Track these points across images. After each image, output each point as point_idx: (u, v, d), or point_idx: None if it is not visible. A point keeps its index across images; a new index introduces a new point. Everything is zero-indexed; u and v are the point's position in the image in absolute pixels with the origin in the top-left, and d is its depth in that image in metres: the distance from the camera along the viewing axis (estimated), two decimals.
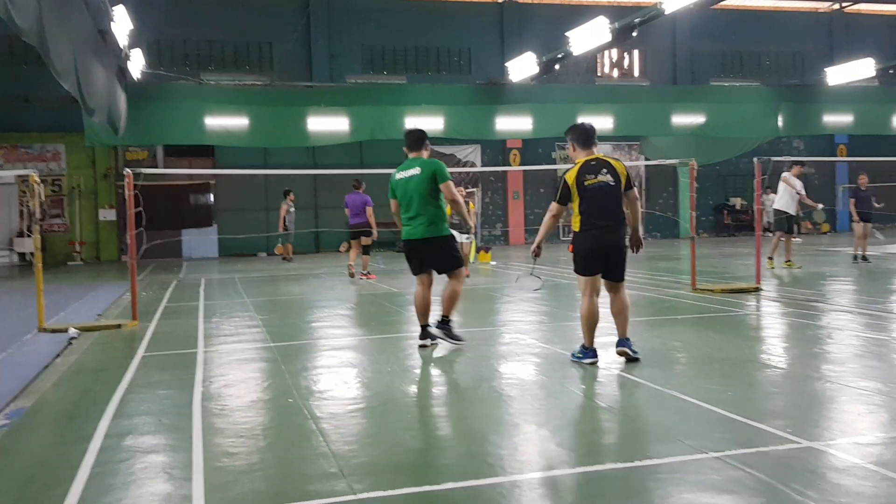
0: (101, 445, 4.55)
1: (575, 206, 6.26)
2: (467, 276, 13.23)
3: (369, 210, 15.93)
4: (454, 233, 13.09)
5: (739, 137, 26.15)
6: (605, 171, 6.21)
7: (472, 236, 13.68)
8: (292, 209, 21.39)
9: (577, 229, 6.29)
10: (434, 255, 7.24)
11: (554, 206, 6.41)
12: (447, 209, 7.59)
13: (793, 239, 15.36)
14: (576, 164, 6.35)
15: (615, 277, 6.35)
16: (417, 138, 7.36)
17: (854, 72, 23.58)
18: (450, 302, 7.25)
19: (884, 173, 29.53)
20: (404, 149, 7.42)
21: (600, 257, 6.26)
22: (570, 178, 6.24)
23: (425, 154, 7.32)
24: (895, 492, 3.51)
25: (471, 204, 13.96)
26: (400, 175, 7.23)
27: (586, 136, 6.43)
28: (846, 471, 3.78)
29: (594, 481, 3.77)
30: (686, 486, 3.67)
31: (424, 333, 7.37)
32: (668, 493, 3.61)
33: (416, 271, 7.41)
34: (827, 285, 12.38)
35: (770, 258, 14.61)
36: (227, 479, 3.94)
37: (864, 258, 15.39)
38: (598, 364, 6.49)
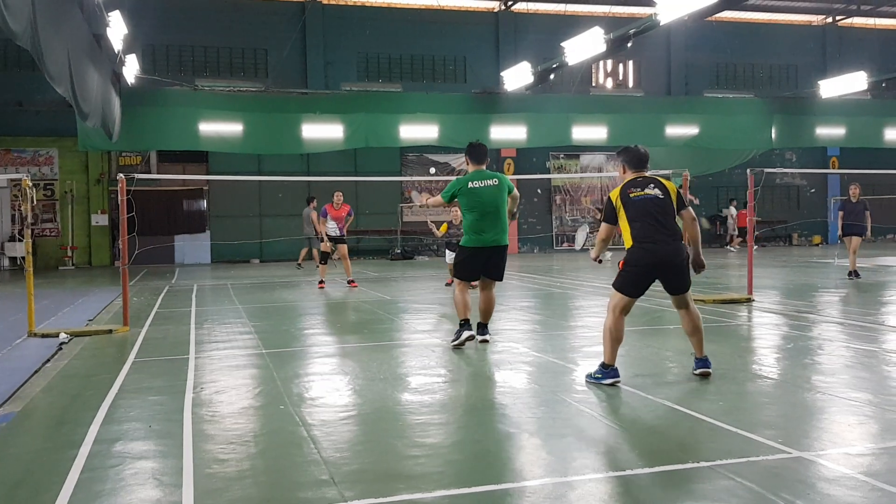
0: (91, 451, 4.52)
1: (623, 221, 5.98)
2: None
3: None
4: (448, 253, 13.09)
5: (733, 149, 26.28)
6: (652, 185, 6.00)
7: None
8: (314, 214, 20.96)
9: (629, 245, 5.96)
10: (498, 262, 7.78)
11: (603, 226, 6.15)
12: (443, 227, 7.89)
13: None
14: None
15: (677, 290, 6.00)
16: (485, 151, 7.98)
17: (847, 85, 23.73)
18: (491, 311, 7.98)
19: (876, 186, 29.73)
20: (467, 158, 8.03)
21: (652, 274, 5.93)
22: (615, 194, 6.05)
23: (483, 166, 7.85)
24: (885, 502, 3.52)
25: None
26: (476, 184, 7.67)
27: (639, 159, 6.21)
28: (836, 481, 3.79)
29: (585, 490, 3.77)
30: (676, 494, 3.68)
31: (468, 326, 7.71)
32: (658, 502, 3.61)
33: (470, 276, 7.87)
34: (818, 297, 12.43)
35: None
36: (217, 485, 3.93)
37: (856, 274, 14.65)
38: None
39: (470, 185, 7.66)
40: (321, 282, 15.23)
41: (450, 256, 13.59)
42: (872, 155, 28.07)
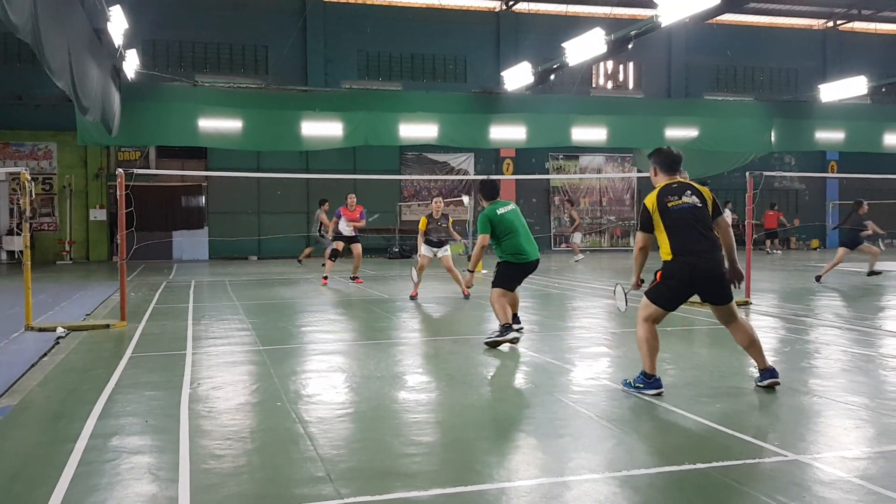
0: (87, 445, 4.52)
1: (661, 232, 5.69)
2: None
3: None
4: (426, 247, 13.06)
5: (732, 152, 26.30)
6: (689, 192, 5.71)
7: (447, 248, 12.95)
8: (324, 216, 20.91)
9: (667, 258, 5.67)
10: (532, 272, 8.59)
11: (639, 236, 5.86)
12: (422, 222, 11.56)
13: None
14: (655, 188, 5.90)
15: (720, 301, 5.74)
16: (498, 186, 8.73)
17: (847, 89, 23.74)
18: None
19: (874, 191, 29.78)
20: (480, 196, 8.73)
21: (692, 288, 5.69)
22: (651, 202, 5.73)
23: None
24: None
25: None
26: (503, 210, 8.42)
27: (671, 162, 5.94)
28: (832, 484, 3.79)
29: (581, 490, 3.77)
30: (673, 496, 3.68)
31: (516, 320, 8.36)
32: None
33: (513, 287, 8.36)
34: (816, 300, 12.44)
35: None
36: (213, 481, 3.93)
37: (876, 273, 15.66)
38: (588, 374, 6.50)
39: (498, 212, 8.35)
40: (325, 277, 15.29)
41: (426, 250, 12.64)
42: (871, 159, 28.11)
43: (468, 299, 12.26)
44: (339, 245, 15.37)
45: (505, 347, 7.78)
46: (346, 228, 15.31)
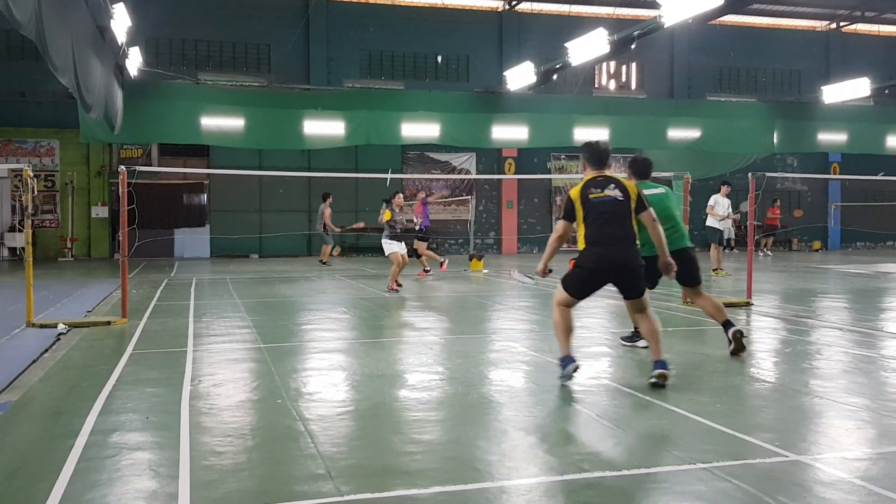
0: (87, 441, 4.52)
1: (580, 223, 5.91)
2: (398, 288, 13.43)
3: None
4: (392, 242, 13.47)
5: (735, 153, 26.27)
6: (612, 186, 5.88)
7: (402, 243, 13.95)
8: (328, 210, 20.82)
9: (582, 247, 5.92)
10: (690, 263, 7.33)
11: (559, 224, 6.09)
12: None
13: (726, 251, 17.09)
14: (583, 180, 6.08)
15: (631, 295, 5.98)
16: (649, 165, 7.65)
17: (849, 91, 23.72)
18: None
19: (876, 193, 29.77)
20: (632, 172, 7.57)
21: (602, 278, 5.88)
22: (575, 193, 5.95)
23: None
24: None
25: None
26: (650, 192, 7.09)
27: (599, 156, 6.09)
28: (833, 485, 3.79)
29: (582, 489, 3.77)
30: (673, 496, 3.68)
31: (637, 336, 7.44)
32: (655, 503, 3.61)
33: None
34: (817, 302, 12.43)
35: (715, 269, 16.61)
36: (213, 477, 3.93)
37: None
38: (589, 373, 6.50)
39: (654, 191, 7.31)
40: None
41: (388, 247, 13.73)
42: (874, 161, 28.08)
43: (397, 292, 13.22)
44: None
45: (505, 347, 7.77)
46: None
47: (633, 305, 6.04)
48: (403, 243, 13.97)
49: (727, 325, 7.26)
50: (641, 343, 7.05)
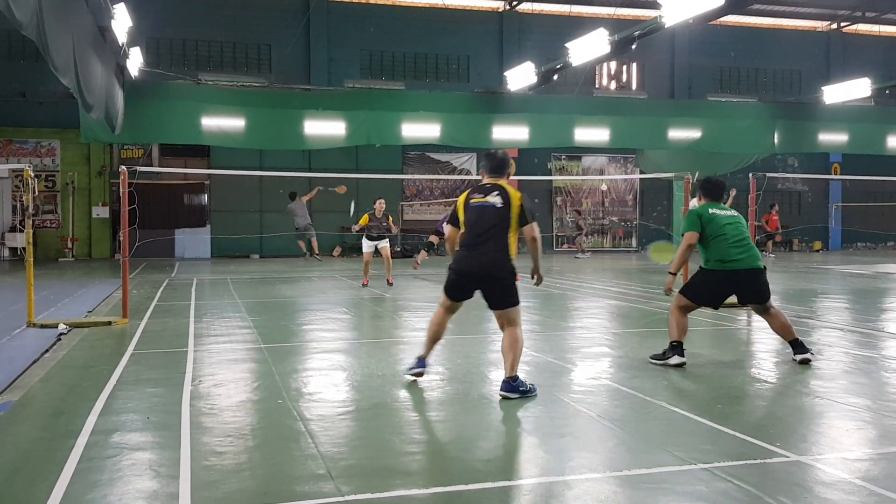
0: (88, 441, 4.52)
1: (463, 225, 5.89)
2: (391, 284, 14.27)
3: None
4: (368, 242, 14.16)
5: (735, 153, 26.26)
6: (495, 193, 5.75)
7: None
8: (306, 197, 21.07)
9: (458, 249, 5.92)
10: (759, 284, 6.99)
11: (448, 228, 6.04)
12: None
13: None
14: None
15: (494, 305, 5.81)
16: (721, 186, 7.36)
17: (850, 91, 23.71)
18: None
19: (878, 193, 29.77)
20: (702, 192, 7.33)
21: (466, 282, 5.80)
22: (462, 198, 5.95)
23: None
24: None
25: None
26: (718, 212, 7.05)
27: (496, 164, 6.00)
28: (833, 485, 3.78)
29: (582, 489, 3.77)
30: (674, 496, 3.67)
31: (681, 349, 6.98)
32: (655, 503, 3.61)
33: (712, 302, 7.15)
34: (818, 302, 12.42)
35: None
36: (214, 477, 3.93)
37: None
38: (589, 374, 6.50)
39: (710, 211, 7.09)
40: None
41: (367, 246, 14.56)
42: (875, 162, 28.08)
43: (391, 286, 14.06)
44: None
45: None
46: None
47: (498, 317, 5.84)
48: (377, 244, 14.61)
49: (796, 344, 7.00)
50: (673, 360, 6.77)
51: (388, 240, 14.76)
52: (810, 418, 5.22)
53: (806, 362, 6.84)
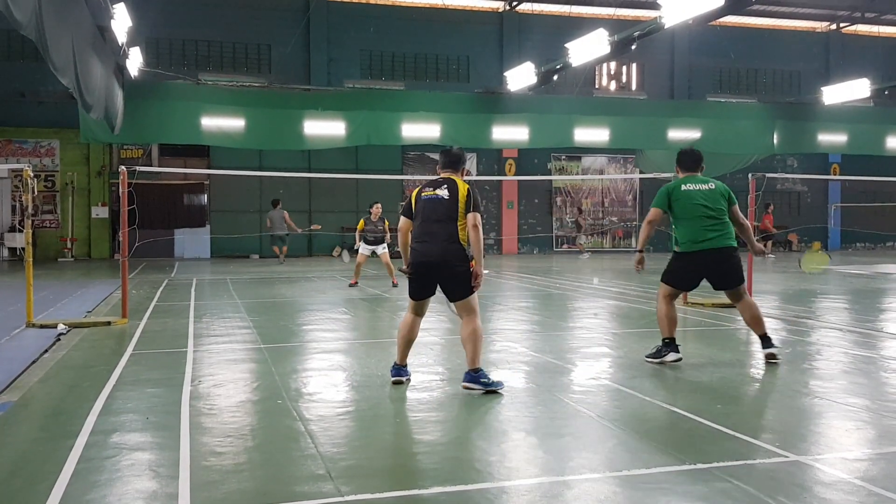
0: (87, 441, 4.52)
1: (414, 219, 5.96)
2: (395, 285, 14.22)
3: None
4: (363, 245, 14.32)
5: (735, 153, 26.27)
6: (444, 186, 5.87)
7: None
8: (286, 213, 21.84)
9: (410, 244, 5.96)
10: (729, 268, 6.94)
11: (401, 220, 6.05)
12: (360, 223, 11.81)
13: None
14: None
15: (448, 295, 5.85)
16: (699, 158, 7.25)
17: (849, 92, 23.73)
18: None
19: (876, 194, 29.77)
20: (678, 169, 7.24)
21: (424, 274, 5.84)
22: (415, 192, 6.04)
23: None
24: None
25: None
26: (691, 186, 6.95)
27: (448, 160, 6.11)
28: (833, 485, 3.78)
29: (581, 489, 3.76)
30: (673, 496, 3.67)
31: (674, 345, 6.93)
32: (655, 503, 3.61)
33: (687, 286, 7.23)
34: (817, 302, 12.43)
35: None
36: (213, 478, 3.93)
37: None
38: (589, 374, 6.50)
39: (683, 187, 6.97)
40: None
41: (364, 248, 14.81)
42: (874, 162, 28.09)
43: (396, 287, 13.96)
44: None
45: (505, 347, 7.77)
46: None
47: (458, 307, 5.87)
48: (374, 248, 14.93)
49: (764, 338, 6.94)
50: (669, 357, 6.80)
51: (385, 245, 14.96)
52: (809, 418, 5.22)
53: (772, 357, 6.82)
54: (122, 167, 10.00)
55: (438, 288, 5.95)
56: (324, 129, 22.50)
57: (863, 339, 8.38)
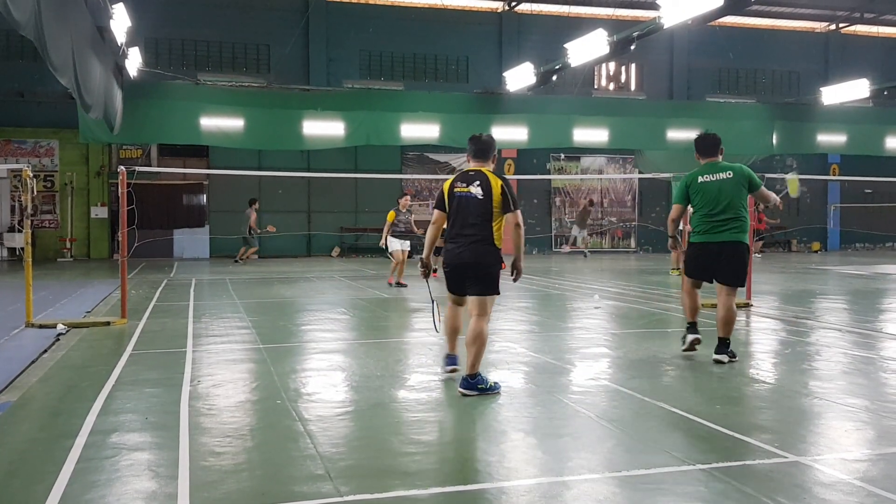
0: (87, 442, 4.52)
1: (448, 214, 5.98)
2: (403, 286, 14.00)
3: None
4: (394, 240, 13.96)
5: (734, 154, 26.20)
6: (477, 183, 5.81)
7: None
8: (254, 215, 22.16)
9: (444, 240, 6.03)
10: (732, 263, 6.93)
11: (434, 213, 6.11)
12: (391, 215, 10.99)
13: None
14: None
15: (471, 291, 5.89)
16: (715, 143, 7.15)
17: (849, 92, 23.74)
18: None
19: (876, 194, 29.79)
20: (697, 154, 7.21)
21: (455, 275, 5.92)
22: (447, 184, 6.02)
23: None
24: None
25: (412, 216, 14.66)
26: (707, 178, 6.96)
27: (479, 149, 6.04)
28: (832, 486, 3.79)
29: (580, 490, 3.76)
30: (672, 496, 3.67)
31: (694, 328, 7.24)
32: (654, 503, 3.62)
33: (699, 276, 7.22)
34: (816, 303, 12.43)
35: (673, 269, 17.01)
36: (212, 478, 3.92)
37: None
38: (588, 374, 6.51)
39: (701, 179, 7.01)
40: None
41: (399, 244, 14.20)
42: (873, 163, 28.09)
43: (405, 287, 13.80)
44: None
45: (505, 347, 7.77)
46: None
47: (473, 303, 5.89)
48: (407, 242, 14.34)
49: (723, 343, 6.99)
50: (688, 338, 7.11)
51: (409, 242, 14.42)
52: (809, 419, 5.22)
53: (719, 362, 6.88)
54: (122, 167, 10.00)
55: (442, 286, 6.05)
56: (323, 129, 22.51)
57: (862, 340, 8.38)
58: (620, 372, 6.61)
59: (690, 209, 7.28)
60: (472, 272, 5.83)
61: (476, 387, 5.69)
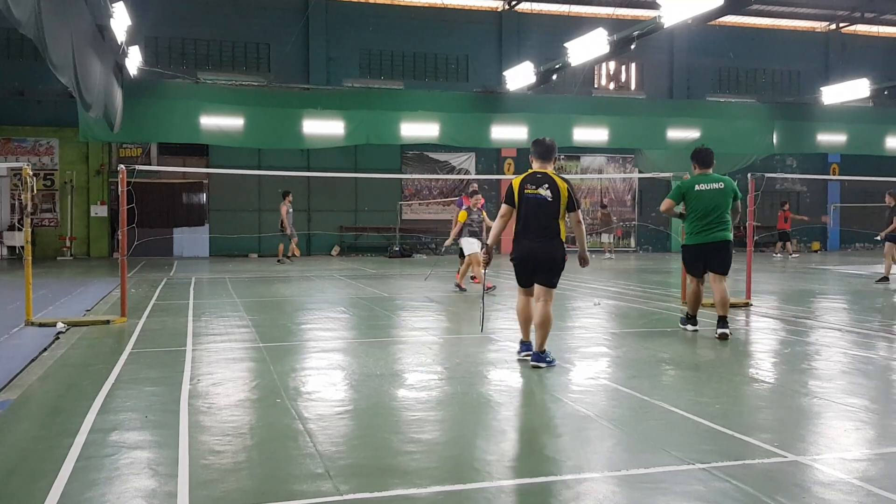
0: (86, 440, 4.52)
1: (517, 213, 6.64)
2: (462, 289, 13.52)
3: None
4: (473, 240, 13.34)
5: (734, 153, 26.27)
6: (546, 185, 6.53)
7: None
8: (291, 210, 21.61)
9: (514, 237, 6.69)
10: (722, 257, 8.30)
11: (503, 207, 6.72)
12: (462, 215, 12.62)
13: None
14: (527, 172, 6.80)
15: (542, 282, 6.61)
16: (711, 157, 8.48)
17: (849, 92, 23.73)
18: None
19: (876, 194, 29.76)
20: (695, 165, 8.54)
21: (527, 267, 6.65)
22: (516, 182, 6.65)
23: None
24: None
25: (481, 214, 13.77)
26: (703, 187, 8.28)
27: (543, 151, 6.77)
28: (831, 485, 3.79)
29: (580, 489, 3.77)
30: (672, 496, 3.68)
31: (693, 320, 8.78)
32: (653, 503, 3.61)
33: (699, 272, 8.51)
34: (816, 303, 12.44)
35: None
36: (212, 476, 3.93)
37: (886, 279, 14.98)
38: (588, 374, 6.51)
39: (698, 187, 8.29)
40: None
41: (469, 246, 13.30)
42: (873, 162, 28.08)
43: (465, 291, 13.38)
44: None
45: (505, 347, 7.77)
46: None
47: (537, 293, 6.66)
48: (477, 242, 13.39)
49: (722, 320, 8.24)
50: (688, 328, 8.60)
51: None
52: (808, 418, 5.23)
53: (724, 336, 8.07)
54: (121, 166, 9.99)
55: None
56: (323, 128, 22.50)
57: (862, 340, 8.38)
58: (620, 371, 6.62)
59: (680, 208, 8.52)
60: (543, 265, 6.54)
61: (545, 360, 6.57)
